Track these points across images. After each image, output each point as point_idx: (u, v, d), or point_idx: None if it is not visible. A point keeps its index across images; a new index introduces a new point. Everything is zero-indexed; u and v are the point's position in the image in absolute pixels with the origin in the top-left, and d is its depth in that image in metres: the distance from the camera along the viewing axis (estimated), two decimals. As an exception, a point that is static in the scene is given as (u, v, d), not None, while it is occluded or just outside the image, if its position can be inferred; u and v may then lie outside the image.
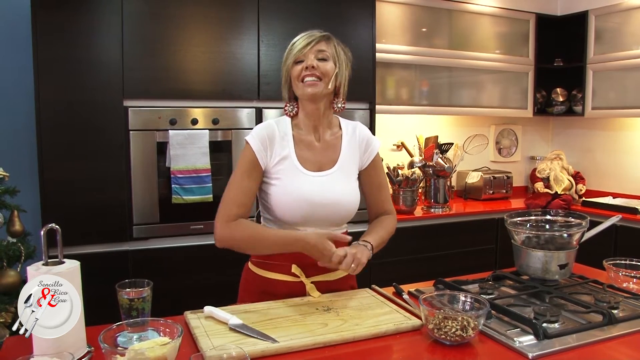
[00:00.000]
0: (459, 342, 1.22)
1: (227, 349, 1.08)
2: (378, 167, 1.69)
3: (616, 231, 3.13)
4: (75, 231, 2.35)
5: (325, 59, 1.53)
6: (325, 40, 1.55)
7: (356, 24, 2.92)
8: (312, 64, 1.51)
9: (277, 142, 1.55)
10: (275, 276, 1.58)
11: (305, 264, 1.55)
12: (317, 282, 1.57)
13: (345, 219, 1.62)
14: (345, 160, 1.61)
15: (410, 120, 3.73)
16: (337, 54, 1.57)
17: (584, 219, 1.67)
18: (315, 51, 1.52)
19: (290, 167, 1.55)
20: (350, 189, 1.60)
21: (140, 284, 1.31)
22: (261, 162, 1.53)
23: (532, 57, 3.87)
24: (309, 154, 1.58)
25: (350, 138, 1.64)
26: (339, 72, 1.56)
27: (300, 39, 1.55)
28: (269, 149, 1.54)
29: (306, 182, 1.54)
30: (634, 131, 3.74)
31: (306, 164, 1.56)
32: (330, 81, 1.53)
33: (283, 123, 1.60)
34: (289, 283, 1.57)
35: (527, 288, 1.59)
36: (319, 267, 1.51)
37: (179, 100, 2.57)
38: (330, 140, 1.62)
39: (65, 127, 2.38)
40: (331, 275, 1.60)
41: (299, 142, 1.59)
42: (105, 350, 1.05)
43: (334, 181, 1.57)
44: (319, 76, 1.51)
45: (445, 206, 3.42)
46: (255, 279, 1.62)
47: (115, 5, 2.41)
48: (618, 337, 1.28)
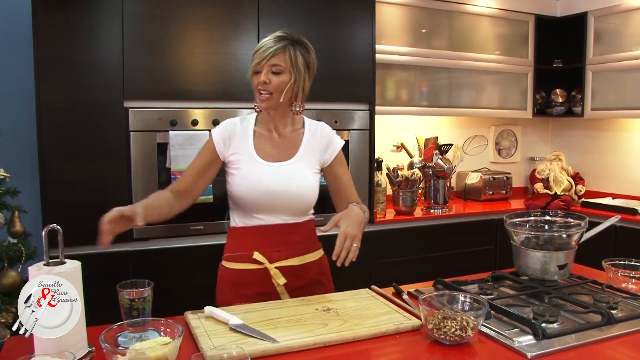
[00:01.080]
0: (459, 342, 1.22)
1: (228, 349, 1.09)
2: (342, 164, 1.77)
3: (615, 232, 3.13)
4: (76, 232, 2.35)
5: (279, 72, 1.59)
6: (282, 51, 1.59)
7: (356, 25, 2.93)
8: (265, 79, 1.59)
9: (237, 136, 1.68)
10: (242, 266, 1.66)
11: (268, 250, 1.64)
12: (281, 268, 1.64)
13: (303, 208, 1.69)
14: (305, 154, 1.69)
15: (410, 121, 3.73)
16: (294, 62, 1.61)
17: (583, 219, 1.67)
18: (270, 65, 1.59)
19: (248, 158, 1.65)
20: (307, 179, 1.67)
21: (141, 284, 1.32)
22: (219, 153, 1.67)
23: (532, 58, 3.87)
24: (268, 147, 1.68)
25: (312, 136, 1.72)
26: (295, 82, 1.62)
27: (259, 50, 1.61)
28: (227, 141, 1.67)
29: (263, 171, 1.63)
30: (633, 132, 3.74)
31: (264, 156, 1.66)
32: (283, 94, 1.61)
33: (248, 120, 1.72)
34: (255, 271, 1.64)
35: (526, 288, 1.59)
36: (283, 253, 1.65)
37: (179, 101, 2.58)
38: (291, 136, 1.71)
39: (66, 127, 2.38)
40: (295, 260, 1.66)
41: (260, 136, 1.69)
42: (107, 350, 1.05)
43: (291, 171, 1.65)
44: (270, 91, 1.60)
45: (445, 207, 3.42)
46: (227, 274, 1.69)
47: (116, 7, 2.41)
48: (617, 337, 1.29)
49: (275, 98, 1.61)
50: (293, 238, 1.67)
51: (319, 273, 1.73)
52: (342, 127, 2.90)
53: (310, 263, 1.70)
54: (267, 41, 1.62)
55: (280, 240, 1.66)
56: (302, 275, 1.67)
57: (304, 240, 1.71)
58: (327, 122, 2.81)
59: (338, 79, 2.88)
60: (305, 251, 1.70)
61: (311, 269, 1.70)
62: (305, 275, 1.68)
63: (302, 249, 1.69)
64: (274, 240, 1.65)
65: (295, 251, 1.67)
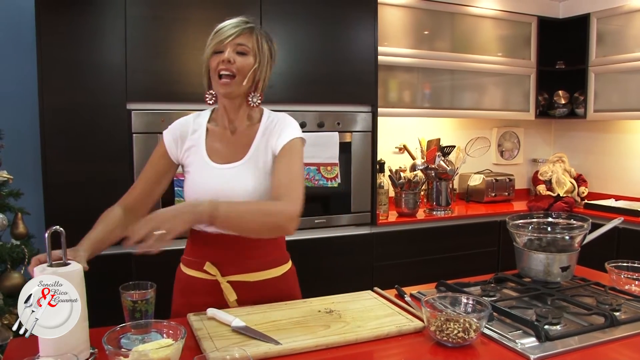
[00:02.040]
0: (461, 344, 1.22)
1: (230, 351, 1.09)
2: (286, 154, 1.48)
3: (618, 233, 3.12)
4: (79, 233, 2.34)
5: (244, 52, 1.46)
6: (248, 32, 1.48)
7: (358, 27, 2.93)
8: (229, 58, 1.44)
9: (188, 135, 1.55)
10: (194, 273, 1.54)
11: (222, 261, 1.49)
12: (236, 282, 1.49)
13: None
14: (257, 150, 1.51)
15: (413, 123, 3.73)
16: (260, 47, 1.49)
17: (585, 221, 1.67)
18: (235, 44, 1.45)
19: (198, 159, 1.52)
20: (257, 183, 1.47)
21: (143, 286, 1.32)
22: (172, 156, 1.56)
23: (534, 60, 3.87)
24: (220, 146, 1.53)
25: (266, 128, 1.54)
26: (258, 68, 1.48)
27: (223, 29, 1.48)
28: (179, 142, 1.55)
29: (212, 176, 1.49)
30: (636, 134, 3.74)
31: (215, 156, 1.52)
32: (246, 78, 1.47)
33: (201, 116, 1.60)
34: (206, 282, 1.50)
35: (529, 290, 1.59)
36: (239, 266, 1.48)
37: (182, 103, 2.58)
38: (245, 131, 1.55)
39: (69, 129, 2.39)
40: (252, 275, 1.50)
41: (212, 134, 1.56)
42: (109, 352, 1.05)
43: (241, 174, 1.48)
44: (234, 72, 1.45)
45: (448, 209, 3.42)
46: (182, 279, 1.59)
47: (119, 9, 2.42)
48: (620, 339, 1.28)
49: (237, 82, 1.46)
50: (253, 252, 1.50)
51: (281, 290, 1.54)
52: (344, 129, 2.90)
53: (270, 280, 1.53)
54: (231, 22, 1.50)
55: (237, 252, 1.49)
56: (260, 292, 1.50)
57: (266, 254, 1.53)
58: (329, 123, 2.86)
59: (340, 80, 2.89)
60: (265, 266, 1.53)
61: (271, 285, 1.53)
62: (264, 292, 1.51)
63: (262, 264, 1.52)
64: (230, 251, 1.49)
65: (254, 265, 1.51)
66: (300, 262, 3.03)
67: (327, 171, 2.81)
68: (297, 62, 2.75)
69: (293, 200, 1.38)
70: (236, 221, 1.34)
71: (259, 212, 1.36)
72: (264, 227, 1.37)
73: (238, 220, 1.34)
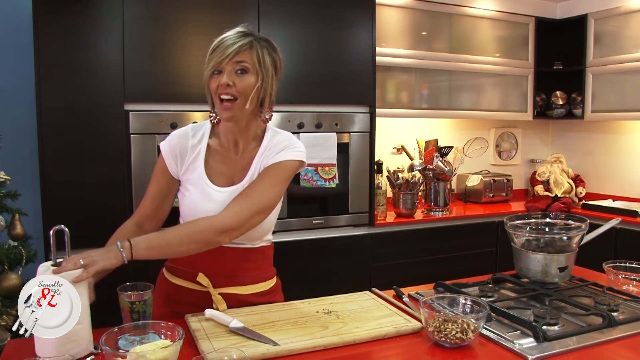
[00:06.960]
0: (459, 344, 1.22)
1: (228, 352, 1.09)
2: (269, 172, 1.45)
3: (616, 234, 3.13)
4: (77, 234, 2.34)
5: (245, 70, 1.39)
6: (248, 47, 1.39)
7: (356, 27, 2.93)
8: (228, 82, 1.37)
9: (188, 152, 1.49)
10: (182, 283, 1.52)
11: (215, 272, 1.48)
12: (226, 294, 1.48)
13: (256, 235, 1.49)
14: (254, 173, 1.47)
15: (410, 124, 3.74)
16: (262, 62, 1.41)
17: (583, 221, 1.67)
18: (234, 62, 1.38)
19: (197, 180, 1.47)
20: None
21: (141, 287, 1.32)
22: (172, 172, 1.50)
23: (532, 61, 3.88)
24: (221, 166, 1.49)
25: (266, 148, 1.49)
26: (261, 85, 1.41)
27: (221, 46, 1.39)
28: (178, 158, 1.49)
29: (210, 201, 1.44)
30: (633, 134, 3.74)
31: (215, 178, 1.47)
32: (249, 100, 1.40)
33: (202, 129, 1.52)
34: (194, 292, 1.49)
35: (527, 291, 1.59)
36: (230, 278, 1.48)
37: (179, 104, 2.58)
38: (248, 151, 1.50)
39: (67, 130, 2.38)
40: (243, 288, 1.51)
41: (214, 152, 1.50)
42: (107, 353, 1.05)
43: None
44: (235, 95, 1.39)
45: (446, 209, 3.42)
46: (165, 287, 1.56)
47: (117, 10, 2.42)
48: (618, 339, 1.29)
49: (239, 105, 1.40)
50: (245, 265, 1.50)
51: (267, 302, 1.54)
52: (342, 130, 2.90)
53: (259, 293, 1.54)
54: (229, 36, 1.40)
55: (230, 265, 1.49)
56: (248, 304, 1.50)
57: (257, 267, 1.53)
58: (327, 124, 2.86)
59: (338, 81, 2.89)
60: (256, 280, 1.53)
61: (260, 298, 1.54)
62: (252, 304, 1.51)
63: (253, 277, 1.52)
64: (223, 265, 1.48)
65: (245, 279, 1.51)
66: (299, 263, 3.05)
67: (325, 172, 2.81)
68: (295, 63, 2.75)
69: (231, 214, 1.37)
70: (164, 250, 1.34)
71: (187, 235, 1.35)
72: (193, 245, 1.36)
73: (165, 250, 1.35)
